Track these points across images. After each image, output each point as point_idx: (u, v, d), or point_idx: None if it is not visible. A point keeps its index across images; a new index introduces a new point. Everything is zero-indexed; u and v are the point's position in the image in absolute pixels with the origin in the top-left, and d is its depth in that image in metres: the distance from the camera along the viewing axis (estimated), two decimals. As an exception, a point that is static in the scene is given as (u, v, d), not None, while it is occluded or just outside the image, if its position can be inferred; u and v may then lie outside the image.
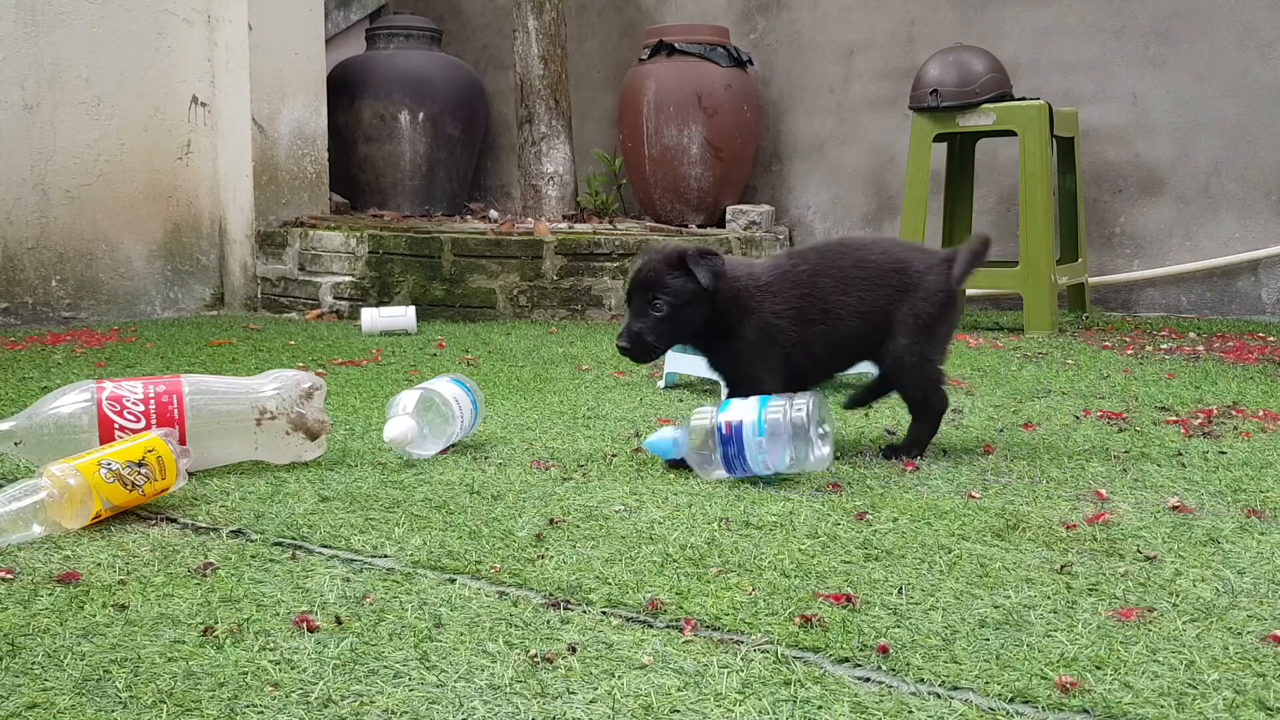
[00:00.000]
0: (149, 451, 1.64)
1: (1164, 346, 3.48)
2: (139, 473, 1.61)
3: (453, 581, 1.37)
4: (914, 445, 2.00)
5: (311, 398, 1.92)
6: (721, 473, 1.83)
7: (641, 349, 1.93)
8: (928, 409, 2.01)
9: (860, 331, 1.96)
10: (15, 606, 1.28)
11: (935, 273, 1.97)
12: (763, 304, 1.94)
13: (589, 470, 1.92)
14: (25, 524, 1.51)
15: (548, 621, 1.24)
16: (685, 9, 5.46)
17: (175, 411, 1.83)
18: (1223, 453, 2.05)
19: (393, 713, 1.02)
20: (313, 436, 1.93)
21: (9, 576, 1.37)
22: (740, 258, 2.07)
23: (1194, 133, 4.35)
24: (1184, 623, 1.23)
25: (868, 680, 1.09)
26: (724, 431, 1.80)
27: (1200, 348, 3.45)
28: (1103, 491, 1.77)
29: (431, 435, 1.98)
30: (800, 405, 1.80)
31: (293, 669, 1.10)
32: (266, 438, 1.89)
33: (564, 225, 4.62)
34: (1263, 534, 1.56)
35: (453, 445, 2.06)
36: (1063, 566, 1.41)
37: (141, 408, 1.82)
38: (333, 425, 2.04)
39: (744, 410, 1.81)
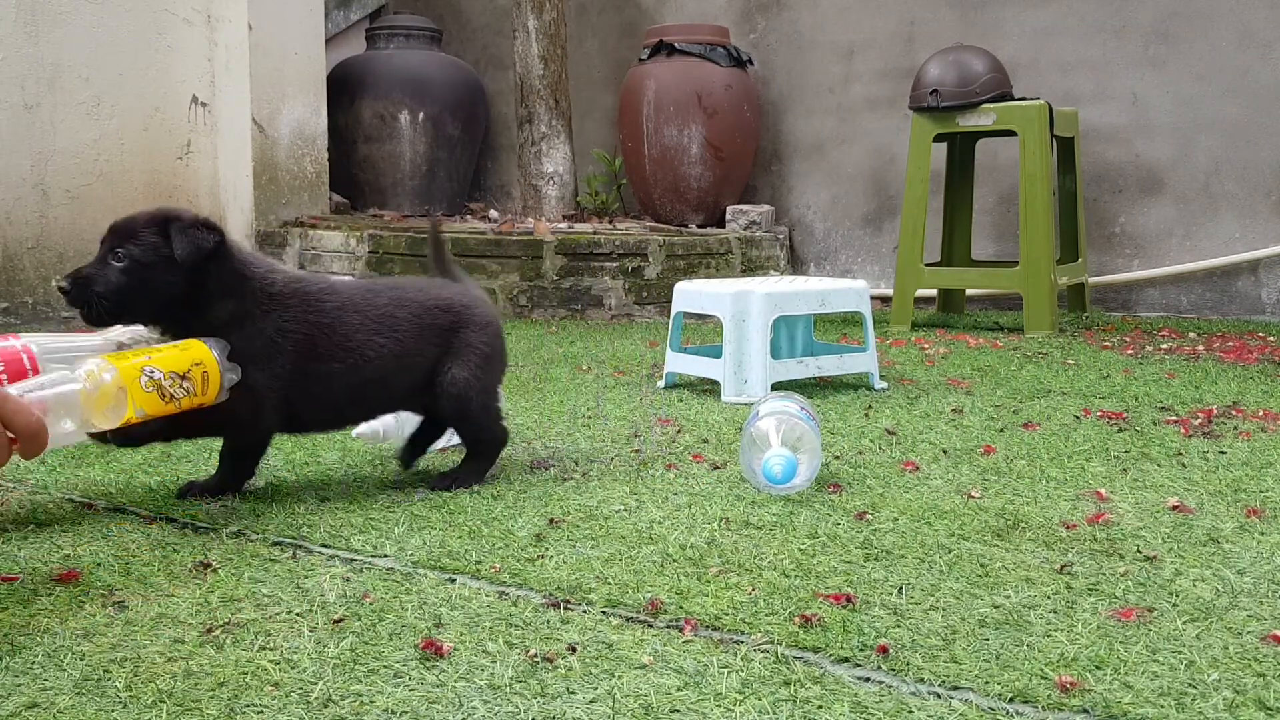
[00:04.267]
0: (195, 364, 1.55)
1: (1164, 346, 3.48)
2: (181, 385, 1.52)
3: (453, 581, 1.37)
4: (470, 476, 1.83)
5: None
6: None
7: (82, 295, 1.62)
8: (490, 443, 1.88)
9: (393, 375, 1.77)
10: (15, 606, 1.28)
11: (482, 305, 1.87)
12: (269, 313, 1.68)
13: (589, 470, 1.92)
14: (56, 416, 1.41)
15: (548, 621, 1.24)
16: (685, 9, 5.45)
17: (26, 360, 1.67)
18: (1223, 453, 2.05)
19: (393, 713, 1.02)
20: None
21: (9, 579, 1.37)
22: (275, 262, 1.81)
23: (1194, 133, 4.35)
24: (1184, 623, 1.23)
25: (868, 680, 1.09)
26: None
27: (1200, 348, 3.45)
28: (1103, 491, 1.77)
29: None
30: (766, 417, 1.81)
31: (293, 669, 1.10)
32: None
33: (564, 225, 4.63)
34: (1263, 534, 1.56)
35: (453, 444, 2.05)
36: (1063, 566, 1.41)
37: None
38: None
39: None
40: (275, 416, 1.70)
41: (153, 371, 1.49)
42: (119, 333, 1.78)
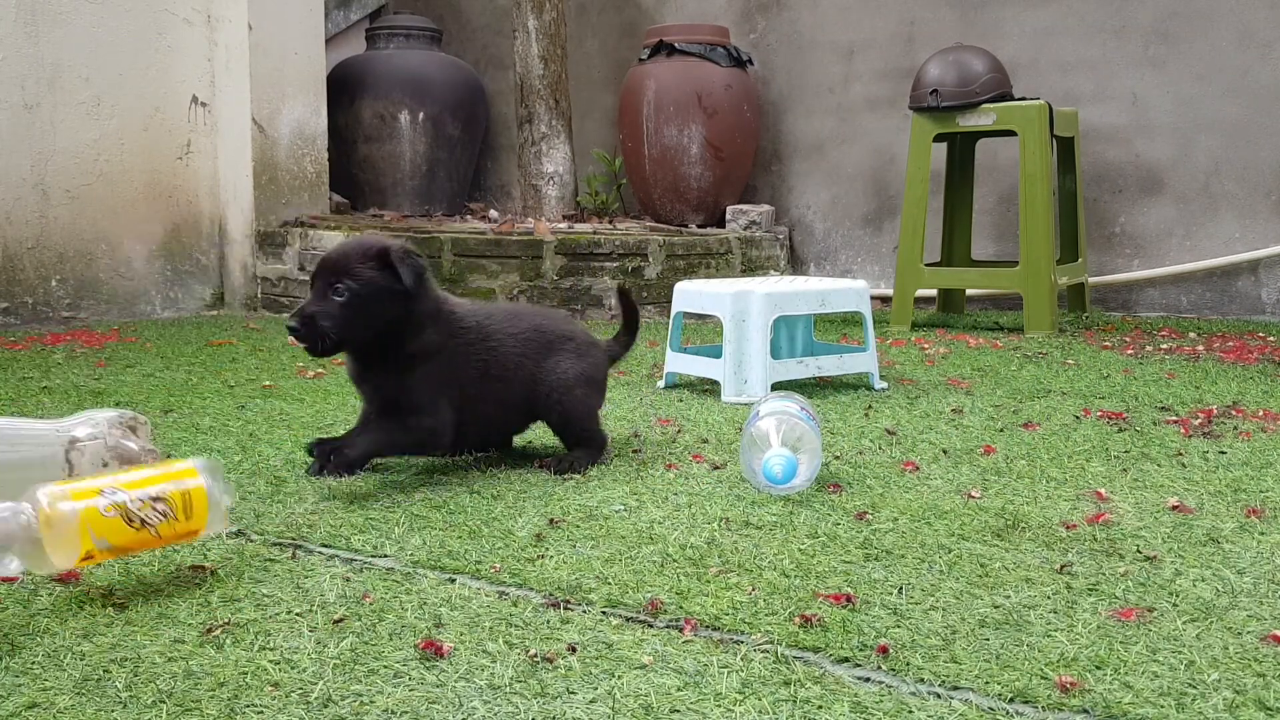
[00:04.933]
0: (174, 484, 1.35)
1: (1164, 346, 3.48)
2: (153, 508, 1.31)
3: (453, 581, 1.37)
4: None
5: (135, 430, 1.61)
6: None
7: (310, 332, 1.71)
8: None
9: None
10: (15, 606, 1.28)
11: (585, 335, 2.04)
12: (455, 338, 1.83)
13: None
14: None
15: (548, 621, 1.23)
16: (685, 9, 5.45)
17: None
18: (1223, 453, 2.05)
19: (393, 713, 1.02)
20: None
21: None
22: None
23: (1194, 133, 4.35)
24: (1184, 623, 1.23)
25: (868, 680, 1.09)
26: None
27: (1200, 348, 3.45)
28: (1103, 491, 1.77)
29: None
30: (766, 417, 1.81)
31: (293, 669, 1.10)
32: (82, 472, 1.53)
33: (564, 225, 4.63)
34: (1263, 534, 1.56)
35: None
36: (1063, 566, 1.41)
37: None
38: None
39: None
40: (448, 441, 1.85)
41: (114, 493, 1.29)
42: (74, 421, 1.63)
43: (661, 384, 2.81)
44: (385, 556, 1.46)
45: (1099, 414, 2.41)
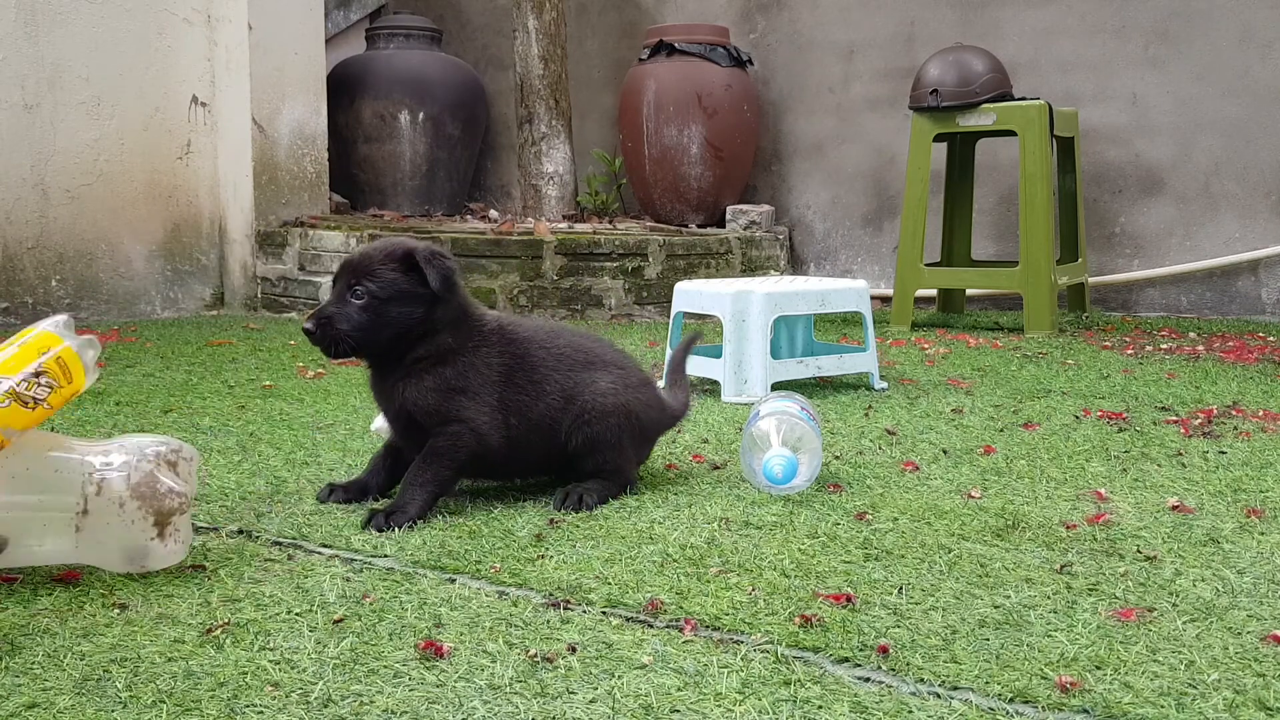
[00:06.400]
0: (43, 354, 1.32)
1: (1164, 346, 3.48)
2: (38, 384, 1.30)
3: (453, 581, 1.37)
4: None
5: (176, 467, 1.41)
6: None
7: (326, 335, 1.65)
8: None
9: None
10: (15, 606, 1.28)
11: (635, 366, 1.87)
12: (478, 348, 1.71)
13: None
14: None
15: (548, 621, 1.23)
16: (685, 9, 5.45)
17: None
18: (1223, 453, 2.05)
19: (393, 713, 1.02)
20: (161, 517, 1.37)
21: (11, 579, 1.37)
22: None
23: (1194, 133, 4.35)
24: (1184, 623, 1.22)
25: (868, 680, 1.09)
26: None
27: (1200, 348, 3.45)
28: (1103, 491, 1.77)
29: None
30: (766, 417, 1.81)
31: (293, 669, 1.10)
32: (94, 516, 1.35)
33: (564, 225, 4.62)
34: (1263, 534, 1.56)
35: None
36: (1063, 566, 1.41)
37: None
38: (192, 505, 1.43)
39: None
40: (496, 438, 1.68)
41: (2, 382, 1.28)
42: (107, 446, 1.42)
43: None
44: (385, 556, 1.46)
45: (1099, 414, 2.41)
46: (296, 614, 1.25)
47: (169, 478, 1.38)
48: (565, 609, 1.27)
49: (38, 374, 1.29)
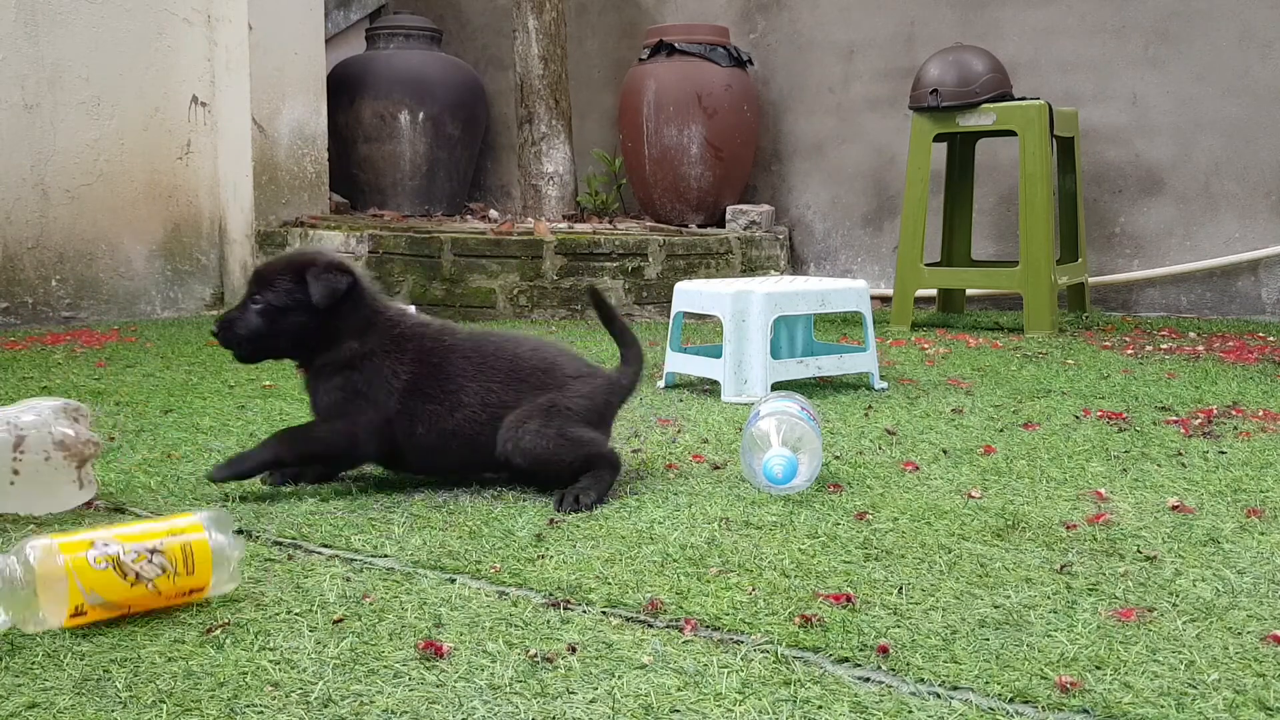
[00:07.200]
0: (173, 536, 1.27)
1: (1164, 346, 3.48)
2: (149, 561, 1.23)
3: (453, 581, 1.37)
4: None
5: (78, 419, 1.65)
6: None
7: (228, 338, 1.77)
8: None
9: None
10: (15, 606, 1.28)
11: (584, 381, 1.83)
12: (389, 353, 1.77)
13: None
14: None
15: (548, 621, 1.24)
16: (685, 9, 5.45)
17: None
18: (1223, 453, 2.05)
19: (393, 713, 1.02)
20: (81, 462, 1.62)
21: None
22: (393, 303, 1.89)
23: (1194, 133, 4.35)
24: (1184, 623, 1.23)
25: (868, 680, 1.09)
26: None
27: (1200, 348, 3.45)
28: (1103, 491, 1.77)
29: None
30: (766, 417, 1.81)
31: (293, 669, 1.10)
32: (26, 471, 1.58)
33: (564, 225, 4.62)
34: (1263, 534, 1.56)
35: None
36: (1063, 566, 1.41)
37: None
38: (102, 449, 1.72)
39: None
40: (372, 449, 1.78)
41: (107, 545, 1.22)
42: (18, 410, 1.64)
43: (661, 384, 2.81)
44: (385, 556, 1.46)
45: (1099, 414, 2.41)
46: (296, 614, 1.25)
47: (72, 429, 1.60)
48: (565, 609, 1.27)
49: (153, 551, 1.24)
